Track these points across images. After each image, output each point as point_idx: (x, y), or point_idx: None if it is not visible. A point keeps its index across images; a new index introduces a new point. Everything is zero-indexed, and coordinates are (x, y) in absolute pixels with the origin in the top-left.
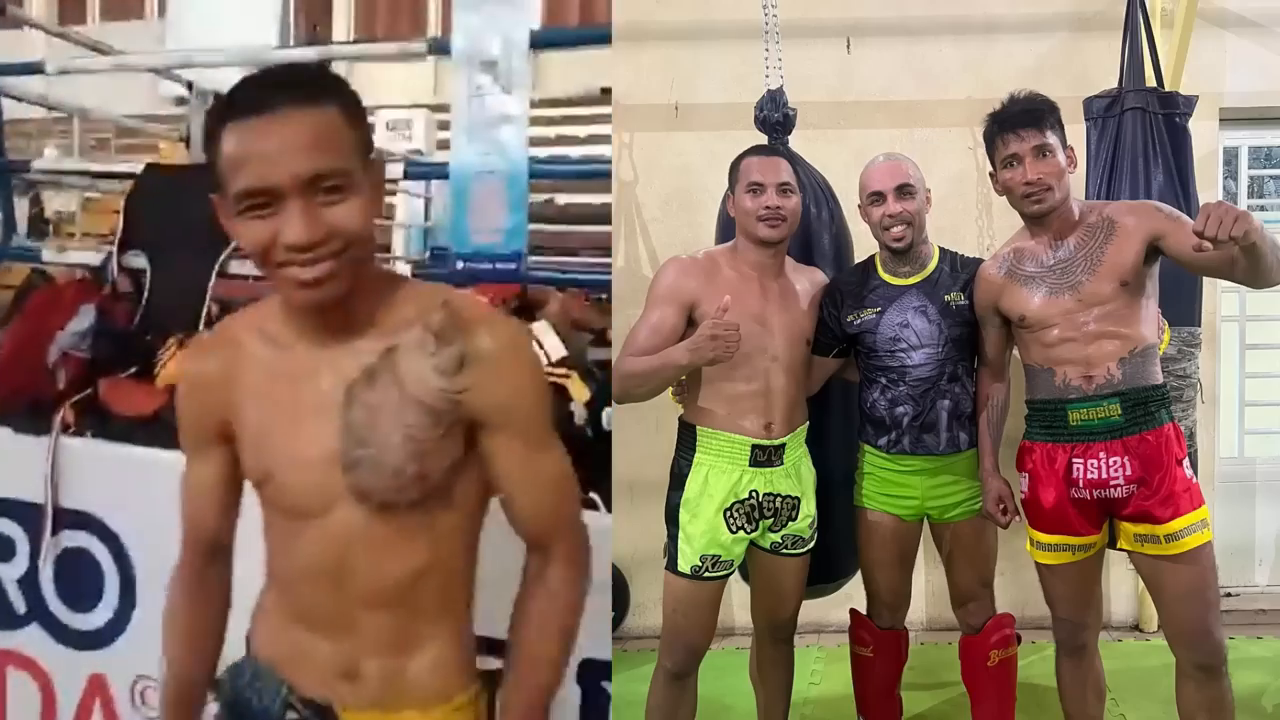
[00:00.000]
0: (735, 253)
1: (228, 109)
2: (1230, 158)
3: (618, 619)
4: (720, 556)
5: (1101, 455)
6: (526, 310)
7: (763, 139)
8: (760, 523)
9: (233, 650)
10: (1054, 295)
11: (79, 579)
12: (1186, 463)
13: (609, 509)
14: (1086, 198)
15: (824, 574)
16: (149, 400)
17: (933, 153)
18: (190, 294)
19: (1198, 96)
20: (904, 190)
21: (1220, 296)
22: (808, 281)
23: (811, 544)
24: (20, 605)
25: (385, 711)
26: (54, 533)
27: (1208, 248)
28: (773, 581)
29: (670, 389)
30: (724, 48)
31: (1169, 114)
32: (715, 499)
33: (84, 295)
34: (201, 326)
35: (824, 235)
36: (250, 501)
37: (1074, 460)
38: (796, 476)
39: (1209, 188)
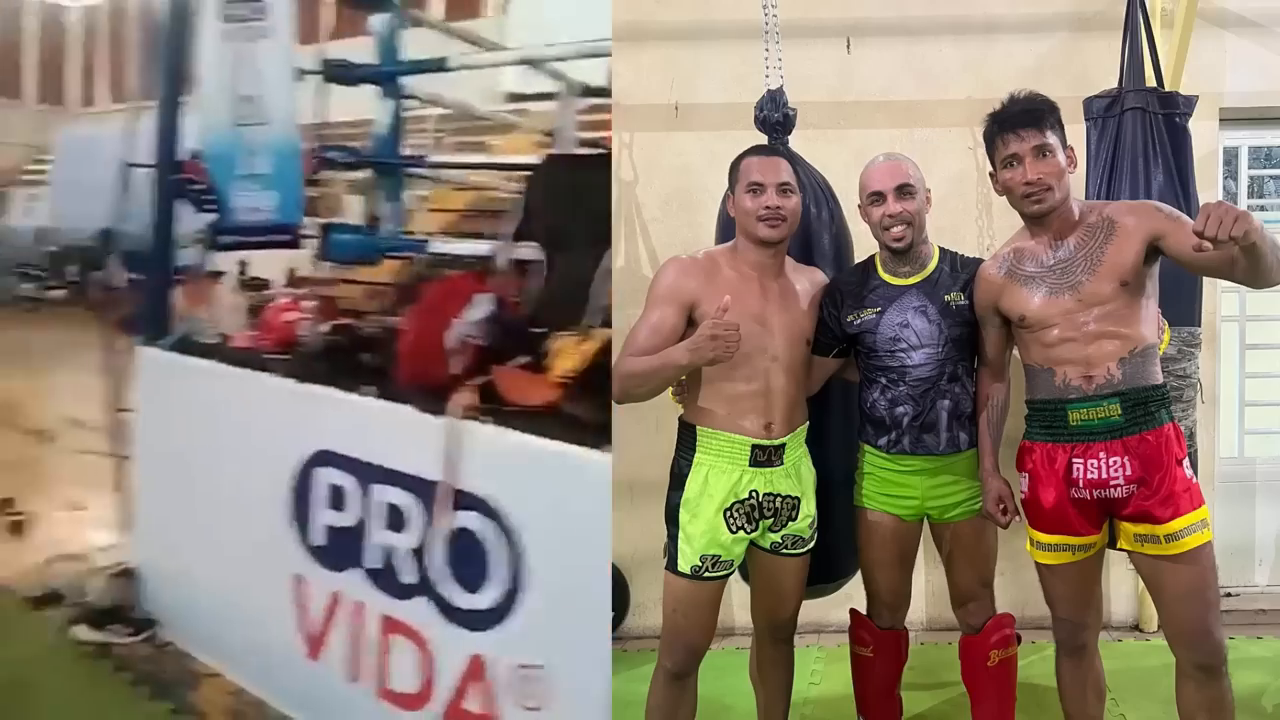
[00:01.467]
0: (735, 253)
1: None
2: (1230, 158)
3: (618, 619)
4: (720, 556)
5: (1101, 455)
6: None
7: (763, 139)
8: (760, 523)
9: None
10: (1054, 295)
11: (467, 558)
12: (1186, 463)
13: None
14: (1086, 198)
15: (824, 574)
16: (541, 392)
17: (933, 153)
18: (576, 288)
19: (1198, 96)
20: (904, 190)
21: (1220, 296)
22: (808, 281)
23: (811, 544)
24: (409, 576)
25: None
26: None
27: (1208, 248)
28: (773, 581)
29: (670, 389)
30: (724, 48)
31: (1169, 114)
32: (715, 499)
33: (477, 285)
34: (583, 322)
35: (824, 235)
36: None
37: (1074, 460)
38: (796, 476)
39: (1209, 188)
